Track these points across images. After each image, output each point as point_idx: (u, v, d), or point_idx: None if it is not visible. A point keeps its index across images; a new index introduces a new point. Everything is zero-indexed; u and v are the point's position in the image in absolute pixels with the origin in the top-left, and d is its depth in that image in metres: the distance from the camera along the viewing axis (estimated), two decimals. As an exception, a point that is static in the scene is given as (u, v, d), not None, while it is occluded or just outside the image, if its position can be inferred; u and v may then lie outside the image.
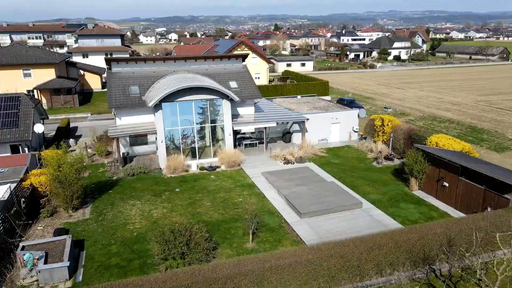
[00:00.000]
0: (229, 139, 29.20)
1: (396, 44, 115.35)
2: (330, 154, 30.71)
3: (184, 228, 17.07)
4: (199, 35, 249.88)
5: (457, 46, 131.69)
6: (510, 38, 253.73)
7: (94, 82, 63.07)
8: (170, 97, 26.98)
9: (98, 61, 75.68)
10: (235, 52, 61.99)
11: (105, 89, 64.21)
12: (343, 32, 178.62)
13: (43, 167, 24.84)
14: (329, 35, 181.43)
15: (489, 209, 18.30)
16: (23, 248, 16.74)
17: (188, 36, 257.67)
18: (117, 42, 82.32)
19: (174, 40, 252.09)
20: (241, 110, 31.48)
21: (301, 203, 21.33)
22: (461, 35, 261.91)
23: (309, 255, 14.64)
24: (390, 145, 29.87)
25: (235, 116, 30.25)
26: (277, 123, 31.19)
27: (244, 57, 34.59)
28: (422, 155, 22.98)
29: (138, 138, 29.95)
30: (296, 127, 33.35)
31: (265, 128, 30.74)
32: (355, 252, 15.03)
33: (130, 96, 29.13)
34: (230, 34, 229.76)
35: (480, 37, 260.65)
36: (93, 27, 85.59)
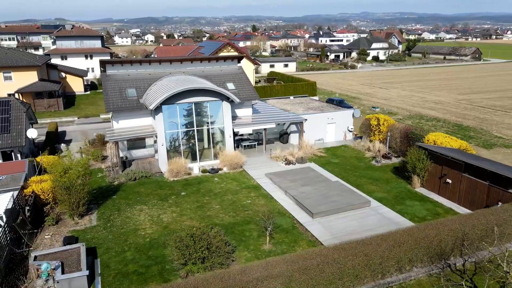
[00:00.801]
0: (229, 141, 29.07)
1: (374, 45, 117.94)
2: (329, 154, 31.08)
3: (201, 232, 16.94)
4: (176, 36, 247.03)
5: (431, 47, 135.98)
6: (478, 39, 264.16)
7: (76, 84, 61.35)
8: (170, 100, 26.63)
9: (77, 63, 73.78)
10: (222, 54, 61.78)
11: (88, 92, 62.93)
12: (321, 33, 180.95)
13: (43, 174, 24.03)
14: (307, 36, 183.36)
15: (499, 204, 18.98)
16: (35, 258, 16.11)
17: (165, 37, 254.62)
18: (97, 43, 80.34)
19: (151, 41, 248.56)
20: (239, 112, 31.40)
21: (311, 203, 21.49)
22: (432, 36, 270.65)
23: (335, 254, 14.78)
24: (387, 144, 30.52)
25: (233, 117, 30.13)
26: (276, 124, 31.29)
27: (239, 58, 34.53)
28: (424, 153, 23.60)
29: (136, 142, 29.37)
30: (293, 127, 33.56)
31: (264, 129, 30.77)
32: (378, 250, 15.29)
33: (127, 99, 28.54)
34: (207, 35, 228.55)
35: (450, 38, 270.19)
36: (71, 28, 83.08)
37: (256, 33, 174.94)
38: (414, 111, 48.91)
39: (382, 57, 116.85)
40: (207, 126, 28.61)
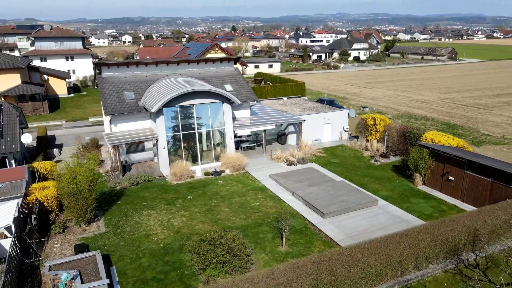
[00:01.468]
0: (230, 142, 28.94)
1: (355, 46, 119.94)
2: (328, 154, 31.40)
3: (219, 235, 16.81)
4: (154, 37, 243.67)
5: (409, 47, 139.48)
6: (450, 40, 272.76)
7: (59, 87, 59.57)
8: (171, 102, 26.29)
9: (57, 65, 71.70)
10: (208, 56, 61.53)
11: (72, 95, 61.23)
12: (301, 34, 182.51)
13: (45, 180, 23.27)
14: (287, 36, 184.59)
15: (508, 200, 19.65)
16: (50, 268, 15.56)
17: (143, 38, 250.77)
18: (78, 44, 78.28)
19: (129, 42, 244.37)
20: (237, 113, 31.30)
21: (320, 203, 21.66)
22: (407, 37, 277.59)
23: (358, 254, 14.96)
24: (385, 143, 31.11)
25: (232, 119, 29.96)
26: (275, 125, 31.38)
27: (236, 60, 34.42)
28: (426, 151, 24.18)
29: (135, 145, 28.81)
30: (290, 128, 33.73)
31: (264, 130, 30.79)
32: (398, 249, 15.58)
33: (125, 102, 27.98)
34: (186, 36, 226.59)
35: (424, 39, 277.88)
36: (50, 29, 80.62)
37: (236, 34, 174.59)
38: (402, 110, 50.04)
39: (362, 57, 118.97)
40: (208, 128, 28.38)
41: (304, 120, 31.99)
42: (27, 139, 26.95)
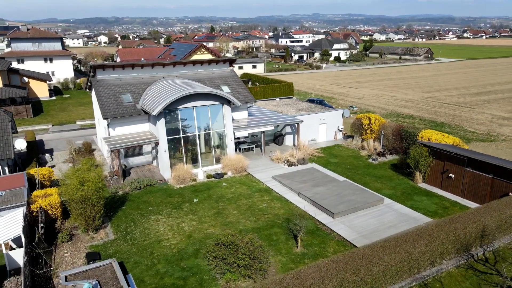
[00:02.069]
0: (230, 144, 28.80)
1: (335, 46, 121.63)
2: (326, 154, 31.71)
3: (236, 238, 16.70)
4: (131, 37, 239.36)
5: (387, 47, 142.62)
6: (424, 40, 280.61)
7: (40, 90, 57.69)
8: (171, 105, 25.93)
9: (35, 66, 69.52)
10: (195, 57, 61.00)
11: (54, 98, 59.34)
12: (280, 34, 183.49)
13: (42, 187, 22.49)
14: (266, 37, 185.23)
15: (510, 194, 20.40)
16: (66, 278, 15.05)
17: (119, 39, 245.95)
18: (57, 45, 76.03)
19: (104, 42, 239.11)
20: (235, 115, 31.17)
21: (328, 203, 21.86)
22: (383, 37, 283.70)
23: (379, 253, 15.19)
24: (381, 142, 31.70)
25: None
26: (274, 127, 31.44)
27: (231, 61, 34.29)
28: (427, 150, 24.81)
29: (133, 149, 28.24)
30: (287, 129, 33.87)
31: (263, 132, 30.79)
32: (416, 246, 15.91)
33: (123, 105, 27.40)
34: (164, 36, 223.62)
35: (399, 39, 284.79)
36: (27, 30, 77.82)
37: (216, 34, 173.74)
38: (389, 109, 51.12)
39: (343, 57, 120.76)
40: (208, 130, 28.15)
41: (302, 121, 32.20)
42: (21, 145, 26.00)
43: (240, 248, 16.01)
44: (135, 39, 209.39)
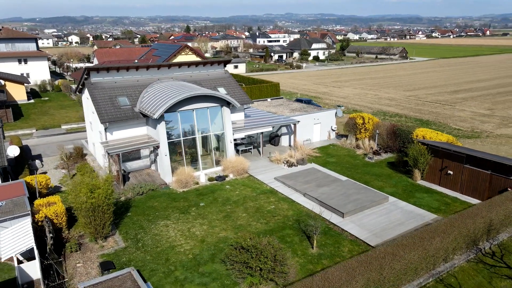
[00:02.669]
0: (230, 146, 28.63)
1: (314, 45, 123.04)
2: (323, 154, 32.04)
3: (257, 242, 16.64)
4: (104, 37, 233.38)
5: (363, 47, 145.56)
6: (395, 39, 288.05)
7: (17, 92, 55.37)
8: (171, 107, 25.50)
9: (9, 68, 66.70)
10: (179, 57, 60.17)
11: (32, 101, 57.07)
12: (257, 34, 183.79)
13: (40, 195, 21.64)
14: (243, 37, 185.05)
15: (509, 189, 21.26)
16: (85, 290, 14.54)
17: (91, 39, 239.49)
18: (31, 46, 73.28)
19: (76, 42, 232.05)
20: (232, 117, 30.77)
21: (336, 203, 22.11)
22: (356, 37, 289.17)
23: (400, 251, 15.50)
24: (376, 141, 32.34)
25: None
26: (272, 127, 31.48)
27: (226, 62, 34.07)
28: (425, 148, 25.51)
29: (131, 153, 27.59)
30: (283, 130, 33.98)
31: (261, 133, 30.77)
32: (433, 243, 16.34)
33: (121, 108, 26.72)
34: (138, 36, 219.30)
35: (371, 38, 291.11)
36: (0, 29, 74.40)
37: (193, 34, 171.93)
38: (375, 108, 52.20)
39: (322, 57, 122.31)
40: (208, 132, 27.87)
41: (298, 121, 32.40)
42: (14, 151, 24.91)
43: (262, 252, 15.95)
44: (109, 39, 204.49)
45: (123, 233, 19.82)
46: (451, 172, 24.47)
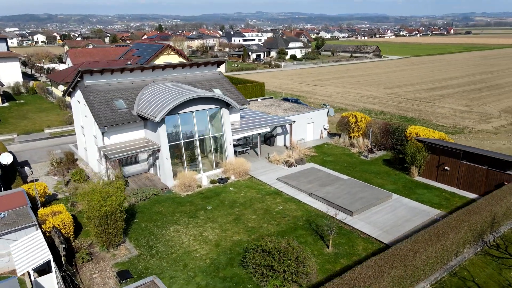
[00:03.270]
0: (230, 148, 28.45)
1: (291, 44, 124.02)
2: (319, 153, 32.39)
3: (277, 244, 16.66)
4: (72, 36, 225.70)
5: (338, 45, 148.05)
6: (365, 38, 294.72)
7: (-10, 96, 52.76)
8: (172, 110, 25.05)
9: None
10: (162, 57, 59.11)
11: (6, 104, 54.46)
12: (232, 33, 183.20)
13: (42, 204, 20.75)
14: (218, 35, 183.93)
15: (506, 183, 22.26)
16: (110, 302, 14.10)
17: (58, 38, 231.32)
18: (2, 46, 69.99)
19: (42, 42, 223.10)
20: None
21: (344, 202, 22.44)
22: (328, 35, 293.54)
23: (420, 248, 15.94)
24: (370, 139, 33.03)
25: (227, 124, 29.48)
26: (270, 128, 31.52)
27: (219, 63, 33.79)
28: (423, 145, 26.30)
29: (129, 157, 26.88)
30: (278, 130, 34.09)
31: (259, 134, 30.75)
32: (447, 238, 16.90)
33: (118, 112, 26.00)
34: (109, 35, 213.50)
35: (343, 37, 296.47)
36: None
37: (167, 33, 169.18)
38: (359, 106, 53.26)
39: (299, 55, 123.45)
40: (207, 134, 27.58)
41: (294, 121, 32.60)
42: (7, 159, 23.73)
43: (285, 254, 15.98)
44: (78, 38, 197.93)
45: (133, 240, 19.32)
46: (448, 168, 25.35)
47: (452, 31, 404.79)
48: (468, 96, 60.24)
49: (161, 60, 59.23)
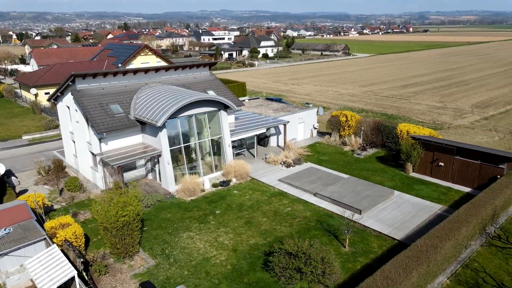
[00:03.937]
0: (229, 150, 28.23)
1: (263, 43, 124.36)
2: (313, 152, 32.79)
3: (301, 246, 16.76)
4: (29, 35, 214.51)
5: (308, 44, 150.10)
6: (331, 36, 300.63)
7: (-45, 100, 49.33)
8: (172, 113, 24.52)
9: None
10: (139, 58, 57.61)
11: (-27, 109, 51.14)
12: (200, 31, 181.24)
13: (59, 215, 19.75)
14: (186, 34, 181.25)
15: (499, 177, 23.53)
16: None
17: (14, 37, 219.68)
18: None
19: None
20: (223, 120, 30.52)
21: (350, 201, 22.89)
22: (295, 33, 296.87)
23: (439, 243, 16.56)
24: (362, 137, 33.84)
25: (224, 126, 29.22)
26: (266, 129, 31.53)
27: (210, 65, 33.37)
28: (417, 142, 27.28)
29: (128, 163, 26.04)
30: (271, 130, 34.18)
31: (256, 135, 30.69)
32: (461, 232, 17.67)
33: (115, 117, 25.11)
34: (70, 34, 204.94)
35: (309, 35, 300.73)
36: None
37: (135, 31, 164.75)
38: (340, 104, 54.38)
39: (270, 54, 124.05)
40: (206, 137, 27.23)
41: (288, 122, 32.80)
42: (0, 169, 22.31)
43: (310, 255, 16.11)
44: (36, 37, 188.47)
45: (147, 249, 18.78)
46: (442, 164, 26.46)
47: (411, 29, 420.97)
48: (439, 93, 62.96)
49: (138, 60, 57.80)
